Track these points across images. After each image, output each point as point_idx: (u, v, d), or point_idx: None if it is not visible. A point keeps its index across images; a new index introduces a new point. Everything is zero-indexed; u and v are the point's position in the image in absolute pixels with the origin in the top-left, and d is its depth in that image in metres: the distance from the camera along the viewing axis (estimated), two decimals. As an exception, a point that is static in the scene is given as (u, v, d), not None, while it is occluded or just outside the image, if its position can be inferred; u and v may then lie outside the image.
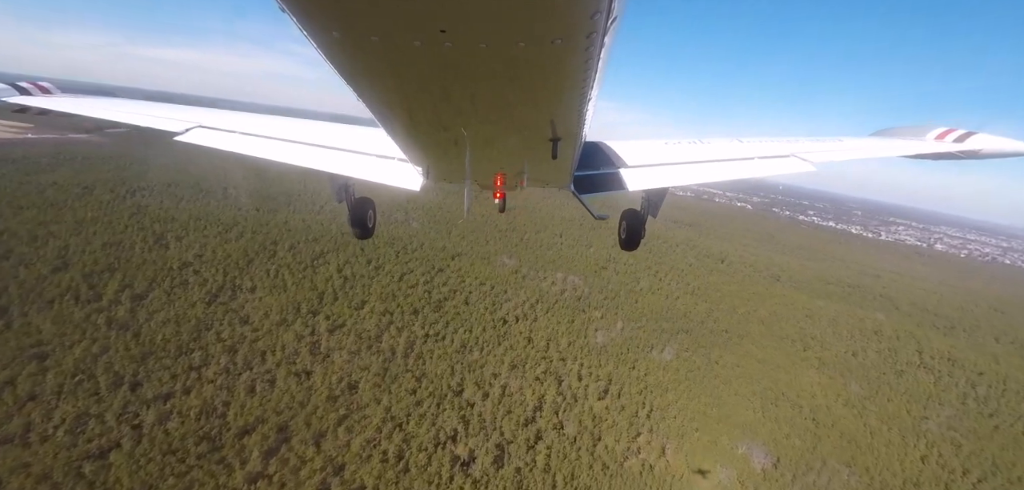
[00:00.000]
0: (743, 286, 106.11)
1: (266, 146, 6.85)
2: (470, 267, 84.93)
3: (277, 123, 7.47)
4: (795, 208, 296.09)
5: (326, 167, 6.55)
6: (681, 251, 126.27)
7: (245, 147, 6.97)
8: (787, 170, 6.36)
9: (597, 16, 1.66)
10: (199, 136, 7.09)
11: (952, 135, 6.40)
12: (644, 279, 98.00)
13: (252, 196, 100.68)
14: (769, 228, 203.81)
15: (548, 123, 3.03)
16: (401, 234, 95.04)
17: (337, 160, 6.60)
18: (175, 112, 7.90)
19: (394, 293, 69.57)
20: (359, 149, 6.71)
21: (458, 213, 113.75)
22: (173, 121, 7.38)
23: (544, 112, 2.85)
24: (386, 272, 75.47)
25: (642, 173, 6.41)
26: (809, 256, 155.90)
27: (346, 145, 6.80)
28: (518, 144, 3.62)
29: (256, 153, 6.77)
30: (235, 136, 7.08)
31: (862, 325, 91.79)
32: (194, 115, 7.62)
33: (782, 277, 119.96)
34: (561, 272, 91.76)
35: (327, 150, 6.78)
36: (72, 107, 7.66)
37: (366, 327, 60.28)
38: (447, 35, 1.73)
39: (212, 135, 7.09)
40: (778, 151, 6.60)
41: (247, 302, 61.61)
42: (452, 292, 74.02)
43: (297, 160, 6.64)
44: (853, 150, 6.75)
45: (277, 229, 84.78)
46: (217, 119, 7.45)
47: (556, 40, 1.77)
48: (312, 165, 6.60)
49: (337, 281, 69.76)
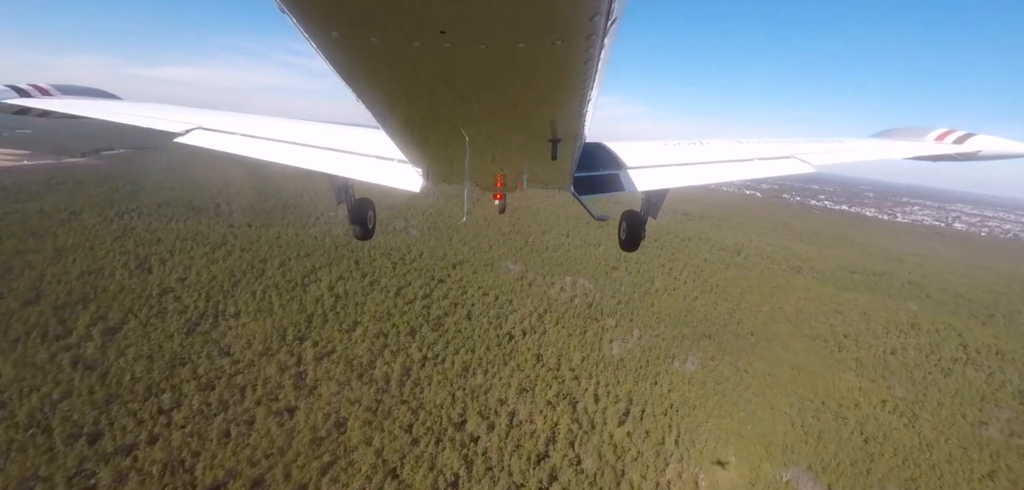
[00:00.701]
0: (763, 280, 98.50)
1: (266, 148, 6.64)
2: (472, 276, 78.42)
3: (277, 124, 7.25)
4: (805, 193, 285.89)
5: (326, 169, 6.35)
6: (694, 245, 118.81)
7: (245, 149, 6.68)
8: (787, 171, 6.21)
9: (597, 18, 1.64)
10: (199, 137, 6.88)
11: (952, 136, 6.34)
12: (658, 278, 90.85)
13: (245, 211, 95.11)
14: (781, 215, 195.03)
15: (548, 124, 3.00)
16: (399, 243, 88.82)
17: (337, 161, 6.42)
18: (175, 113, 7.51)
19: (389, 311, 63.20)
20: (359, 150, 6.50)
21: (459, 217, 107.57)
22: (173, 122, 7.13)
23: (544, 113, 2.81)
24: (381, 287, 69.19)
25: (642, 174, 6.26)
26: (827, 243, 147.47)
27: (346, 146, 6.60)
28: (518, 145, 3.58)
29: (256, 155, 6.52)
30: (235, 137, 6.85)
31: (896, 318, 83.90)
32: (194, 116, 7.35)
33: (803, 268, 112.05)
34: (570, 276, 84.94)
35: (328, 151, 6.57)
36: (72, 108, 7.45)
37: (357, 353, 53.98)
38: (447, 36, 1.72)
39: (212, 136, 6.88)
40: (778, 152, 6.52)
41: (229, 330, 55.63)
42: (453, 306, 67.50)
43: (298, 161, 6.41)
44: (853, 152, 6.70)
45: (268, 245, 78.93)
46: (217, 120, 7.22)
47: (556, 41, 1.76)
48: (313, 166, 6.36)
49: (328, 301, 63.56)
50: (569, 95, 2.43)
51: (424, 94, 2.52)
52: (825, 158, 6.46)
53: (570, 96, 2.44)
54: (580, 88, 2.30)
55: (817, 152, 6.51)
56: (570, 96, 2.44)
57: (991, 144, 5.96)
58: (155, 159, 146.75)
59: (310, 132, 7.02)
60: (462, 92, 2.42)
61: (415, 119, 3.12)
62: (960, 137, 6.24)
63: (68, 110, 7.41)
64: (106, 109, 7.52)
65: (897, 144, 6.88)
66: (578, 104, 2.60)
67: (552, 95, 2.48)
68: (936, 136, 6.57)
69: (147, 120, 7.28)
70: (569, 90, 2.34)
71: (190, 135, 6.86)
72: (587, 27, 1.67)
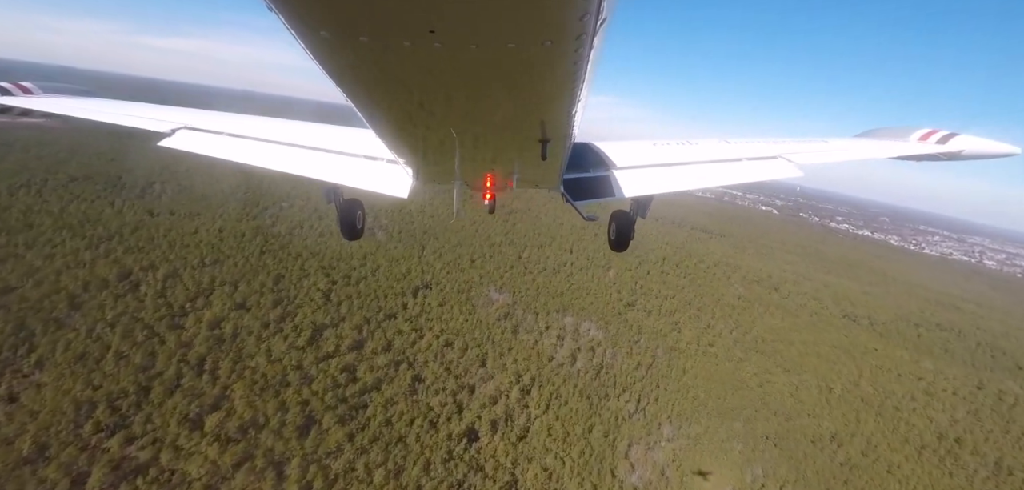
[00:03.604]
0: (817, 333, 72.84)
1: (254, 149, 6.00)
2: (437, 311, 53.25)
3: (265, 124, 6.45)
4: (823, 214, 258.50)
5: (313, 174, 5.79)
6: (721, 274, 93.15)
7: (232, 152, 5.98)
8: (775, 172, 5.93)
9: (586, 18, 1.58)
10: (184, 138, 6.18)
11: (935, 136, 6.09)
12: (686, 324, 65.39)
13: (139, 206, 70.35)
14: (806, 239, 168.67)
15: (537, 124, 2.90)
16: (356, 250, 63.79)
17: (325, 165, 5.82)
18: (158, 112, 6.83)
19: (284, 377, 38.21)
20: (347, 150, 5.88)
21: (439, 220, 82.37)
22: (157, 122, 6.47)
23: (533, 113, 2.71)
24: (292, 325, 44.17)
25: (631, 174, 5.95)
26: (866, 278, 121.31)
27: (334, 146, 5.95)
28: (507, 145, 3.44)
29: (244, 160, 5.91)
30: (222, 137, 6.17)
31: (1004, 404, 58.40)
32: (179, 116, 6.63)
33: (857, 314, 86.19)
34: (571, 315, 59.69)
35: (315, 152, 5.94)
36: (53, 107, 7.00)
37: (192, 470, 28.94)
38: (436, 36, 1.65)
39: (197, 137, 6.19)
40: (766, 152, 6.21)
41: (22, 389, 30.95)
42: (392, 367, 42.38)
43: (285, 167, 5.81)
44: (839, 151, 6.31)
45: (164, 246, 54.17)
46: (203, 120, 6.50)
47: (545, 42, 1.70)
48: (300, 172, 5.81)
49: (202, 343, 38.57)
50: (559, 96, 2.35)
51: (414, 94, 2.39)
52: (812, 158, 6.03)
53: (560, 97, 2.35)
54: (570, 89, 2.23)
55: (804, 151, 6.09)
56: (560, 97, 2.35)
57: (973, 144, 5.62)
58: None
59: (298, 132, 6.24)
60: (451, 92, 2.32)
61: (404, 119, 2.94)
62: (943, 137, 5.90)
63: (50, 109, 6.98)
64: (88, 108, 6.93)
65: (881, 144, 6.43)
66: (568, 105, 2.50)
67: (542, 95, 2.38)
68: (919, 136, 6.18)
69: (129, 119, 6.64)
70: (559, 91, 2.26)
71: (175, 136, 6.17)
72: (577, 27, 1.61)
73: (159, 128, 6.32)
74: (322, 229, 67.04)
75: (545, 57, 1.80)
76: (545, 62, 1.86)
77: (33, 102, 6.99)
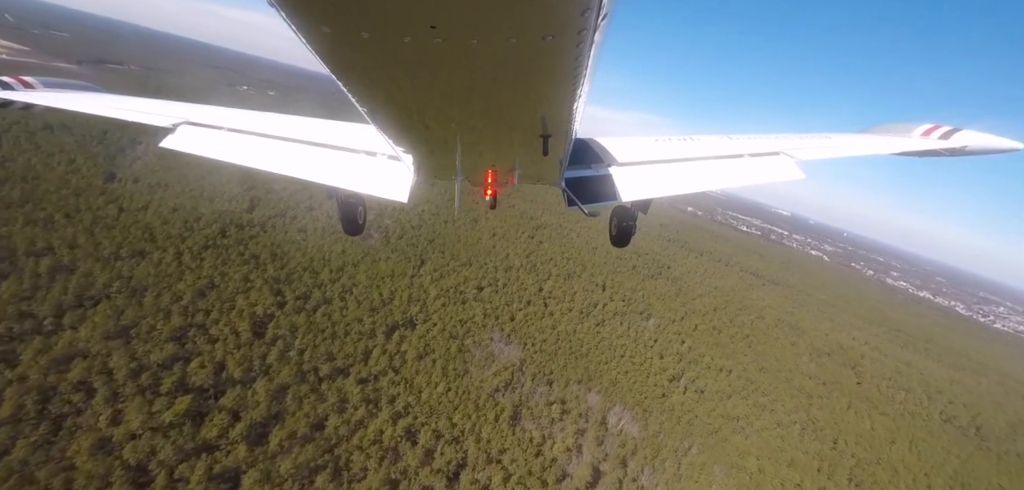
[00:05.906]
0: (920, 448, 52.62)
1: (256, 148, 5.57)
2: (411, 366, 37.11)
3: (268, 120, 6.01)
4: (876, 267, 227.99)
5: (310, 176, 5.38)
6: (784, 338, 73.23)
7: (232, 152, 5.55)
8: (779, 175, 5.46)
9: (587, 13, 1.54)
10: (185, 135, 5.70)
11: (938, 131, 5.56)
12: (749, 415, 46.90)
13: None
14: (866, 296, 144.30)
15: (539, 120, 2.82)
16: (335, 254, 48.78)
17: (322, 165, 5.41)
18: (160, 107, 6.35)
19: None
20: (345, 146, 5.41)
21: (449, 225, 66.42)
22: (158, 116, 6.02)
23: (535, 109, 2.64)
24: (169, 385, 28.87)
25: (632, 170, 5.56)
26: (952, 362, 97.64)
27: (332, 142, 5.48)
28: (509, 140, 3.34)
29: (244, 161, 5.49)
30: (221, 133, 5.71)
31: None
32: (181, 111, 6.13)
33: (957, 416, 64.83)
34: (597, 390, 42.45)
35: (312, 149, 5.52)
36: (55, 102, 6.49)
37: None
38: (438, 31, 1.60)
39: (198, 134, 5.74)
40: (768, 147, 5.71)
41: None
42: (304, 476, 26.56)
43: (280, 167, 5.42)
44: (842, 147, 5.86)
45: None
46: (204, 115, 6.03)
47: (547, 37, 1.65)
48: (299, 174, 5.38)
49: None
50: (560, 91, 2.28)
51: (415, 90, 2.32)
52: (815, 153, 5.60)
53: (561, 92, 2.30)
54: (571, 84, 2.16)
55: (807, 147, 5.65)
56: (561, 92, 2.30)
57: (977, 139, 5.18)
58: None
59: (299, 127, 5.75)
60: (453, 88, 2.25)
61: (406, 114, 2.87)
62: (946, 132, 5.42)
63: (51, 103, 6.48)
64: (89, 102, 6.45)
65: (885, 139, 5.96)
66: (569, 100, 2.43)
67: (543, 91, 2.31)
68: (923, 131, 5.68)
69: (131, 114, 6.22)
70: (560, 86, 2.20)
71: (177, 131, 5.74)
72: (578, 23, 1.57)
73: (160, 123, 5.86)
74: (307, 221, 52.15)
75: (546, 52, 1.76)
76: (546, 57, 1.82)
77: (34, 96, 6.43)
